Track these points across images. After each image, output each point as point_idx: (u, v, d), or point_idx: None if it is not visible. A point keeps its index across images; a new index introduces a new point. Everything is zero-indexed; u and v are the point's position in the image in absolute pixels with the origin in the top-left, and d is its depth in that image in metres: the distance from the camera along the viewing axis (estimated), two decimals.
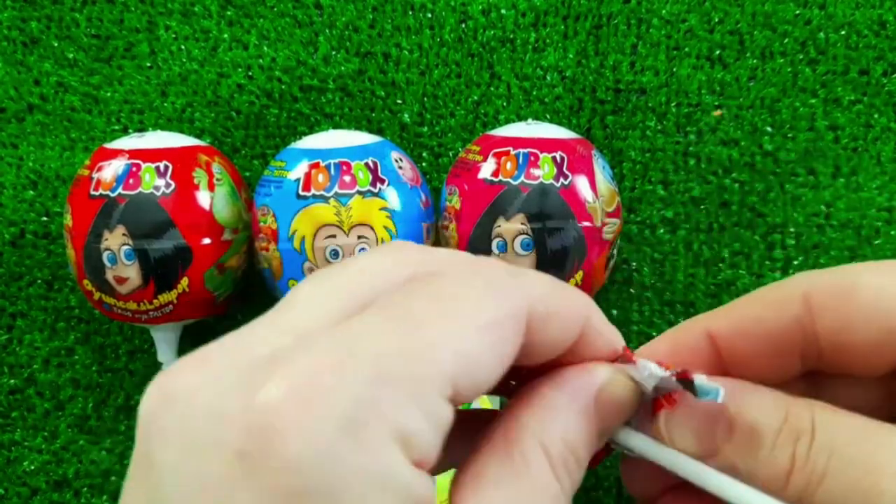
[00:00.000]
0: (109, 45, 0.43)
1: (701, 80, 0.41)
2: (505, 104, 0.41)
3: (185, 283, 0.35)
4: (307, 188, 0.34)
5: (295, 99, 0.42)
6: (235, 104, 0.42)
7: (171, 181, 0.34)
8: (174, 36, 0.43)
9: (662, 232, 0.40)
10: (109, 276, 0.34)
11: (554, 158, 0.34)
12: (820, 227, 0.40)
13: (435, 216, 0.37)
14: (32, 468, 0.41)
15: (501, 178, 0.34)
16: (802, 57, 0.40)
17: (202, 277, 0.35)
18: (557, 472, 0.15)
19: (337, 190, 0.34)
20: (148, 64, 0.43)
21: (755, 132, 0.40)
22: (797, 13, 0.40)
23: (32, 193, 0.42)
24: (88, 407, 0.42)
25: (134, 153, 0.35)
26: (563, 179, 0.34)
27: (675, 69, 0.41)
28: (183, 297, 0.35)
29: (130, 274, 0.34)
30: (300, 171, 0.34)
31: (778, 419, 0.15)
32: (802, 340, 0.16)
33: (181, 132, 0.39)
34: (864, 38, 0.40)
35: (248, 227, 0.37)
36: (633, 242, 0.41)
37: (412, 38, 0.42)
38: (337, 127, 0.42)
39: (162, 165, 0.35)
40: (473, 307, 0.14)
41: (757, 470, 0.15)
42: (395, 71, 0.42)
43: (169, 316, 0.36)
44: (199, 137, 0.40)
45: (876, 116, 0.40)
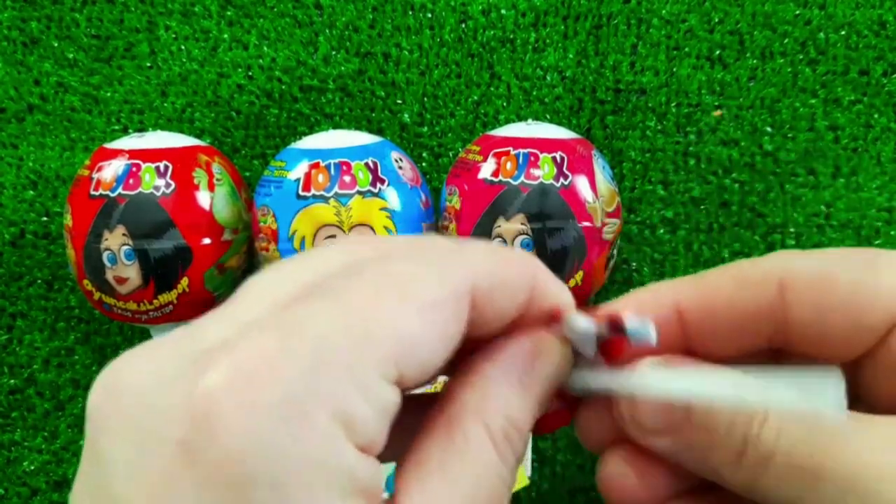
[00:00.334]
0: (109, 45, 0.43)
1: (701, 80, 0.41)
2: (505, 104, 0.41)
3: (185, 283, 0.35)
4: (307, 188, 0.34)
5: (295, 99, 0.42)
6: (235, 104, 0.42)
7: (171, 181, 0.34)
8: (174, 36, 0.43)
9: (662, 232, 0.40)
10: (109, 276, 0.34)
11: (554, 158, 0.34)
12: (820, 227, 0.40)
13: (435, 216, 0.37)
14: (32, 468, 0.41)
15: (501, 178, 0.34)
16: (802, 57, 0.40)
17: (202, 277, 0.35)
18: (500, 449, 0.14)
19: (337, 190, 0.34)
20: (148, 64, 0.43)
21: (755, 132, 0.40)
22: (797, 13, 0.40)
23: (32, 193, 0.42)
24: None
25: (134, 153, 0.35)
26: (563, 179, 0.34)
27: (675, 69, 0.41)
28: (183, 297, 0.35)
29: (130, 274, 0.34)
30: (300, 171, 0.34)
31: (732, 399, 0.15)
32: (773, 325, 0.16)
33: (181, 132, 0.39)
34: (864, 38, 0.40)
35: (248, 227, 0.37)
36: (633, 242, 0.41)
37: (412, 38, 0.42)
38: (337, 127, 0.42)
39: (162, 165, 0.35)
40: (414, 288, 0.14)
41: (712, 450, 0.15)
42: (395, 71, 0.42)
43: (169, 316, 0.36)
44: (199, 137, 0.40)
45: (876, 116, 0.40)
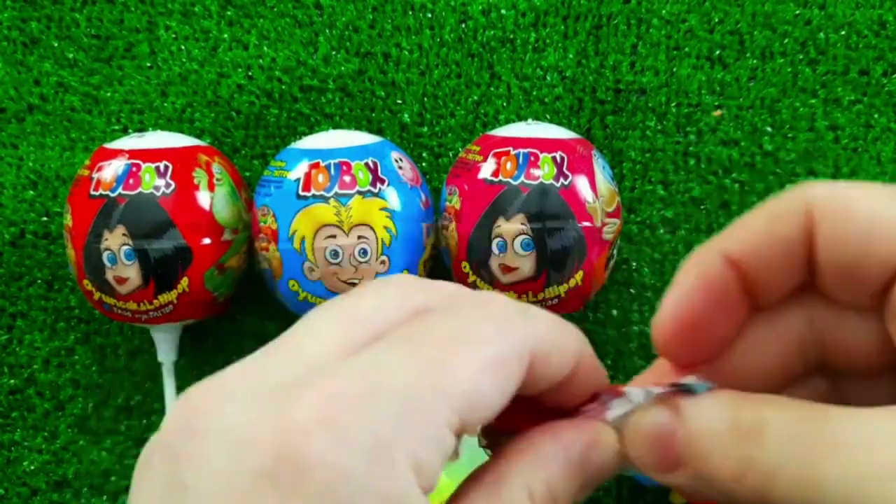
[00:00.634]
0: (109, 45, 0.43)
1: (701, 80, 0.41)
2: (505, 104, 0.41)
3: (185, 283, 0.35)
4: (307, 188, 0.34)
5: (295, 99, 0.42)
6: (235, 104, 0.42)
7: (171, 181, 0.34)
8: (174, 36, 0.43)
9: (662, 232, 0.40)
10: (109, 276, 0.34)
11: (554, 158, 0.34)
12: None
13: (435, 216, 0.37)
14: (32, 468, 0.41)
15: (501, 178, 0.34)
16: (802, 57, 0.40)
17: (202, 277, 0.35)
18: None
19: (337, 190, 0.34)
20: (148, 64, 0.43)
21: (755, 132, 0.40)
22: (797, 13, 0.40)
23: (32, 193, 0.42)
24: (88, 407, 0.42)
25: (134, 153, 0.35)
26: (563, 179, 0.34)
27: (675, 69, 0.41)
28: (183, 297, 0.35)
29: (130, 274, 0.34)
30: (300, 171, 0.34)
31: (725, 421, 0.15)
32: (806, 252, 0.16)
33: (181, 132, 0.39)
34: (864, 38, 0.40)
35: (248, 227, 0.37)
36: (633, 242, 0.41)
37: (412, 38, 0.42)
38: (337, 127, 0.42)
39: (162, 165, 0.35)
40: (484, 344, 0.15)
41: (715, 475, 0.15)
42: (395, 71, 0.42)
43: (169, 316, 0.36)
44: (199, 137, 0.40)
45: (876, 116, 0.40)
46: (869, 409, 0.14)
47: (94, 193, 0.34)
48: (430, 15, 0.42)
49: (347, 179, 0.34)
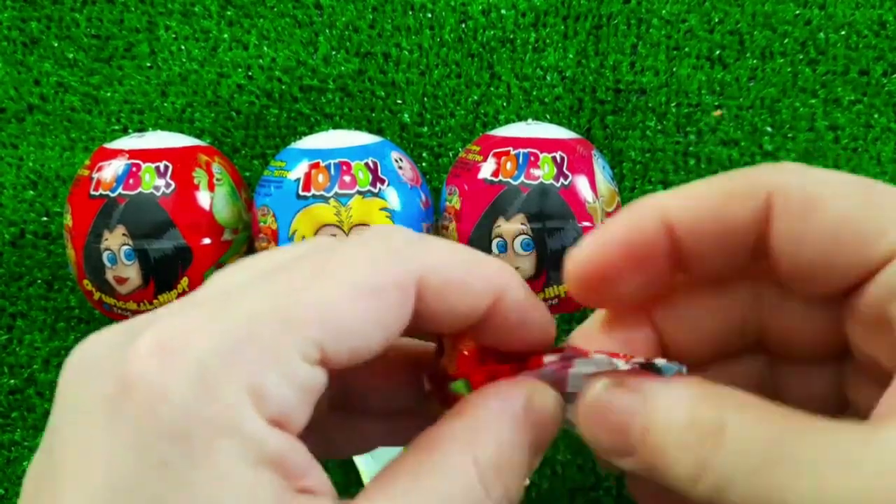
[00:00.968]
0: (109, 45, 0.43)
1: (701, 80, 0.41)
2: (505, 104, 0.41)
3: (185, 283, 0.35)
4: (307, 188, 0.34)
5: (295, 99, 0.42)
6: (235, 104, 0.42)
7: (171, 181, 0.34)
8: (174, 36, 0.43)
9: None
10: (109, 276, 0.34)
11: (554, 158, 0.34)
12: None
13: (435, 216, 0.37)
14: None
15: (501, 178, 0.34)
16: (802, 57, 0.40)
17: (202, 278, 0.35)
18: (485, 481, 0.14)
19: (337, 190, 0.34)
20: (148, 64, 0.43)
21: (755, 132, 0.40)
22: (797, 13, 0.40)
23: (32, 193, 0.42)
24: None
25: (134, 153, 0.35)
26: (563, 179, 0.34)
27: (675, 69, 0.41)
28: (183, 297, 0.35)
29: (130, 274, 0.34)
30: (300, 171, 0.34)
31: (685, 417, 0.14)
32: (755, 240, 0.16)
33: (181, 132, 0.39)
34: (864, 38, 0.40)
35: (248, 227, 0.37)
36: None
37: (412, 38, 0.42)
38: (337, 127, 0.42)
39: (162, 165, 0.35)
40: (352, 273, 0.14)
41: (669, 470, 0.15)
42: (395, 71, 0.42)
43: None
44: (199, 137, 0.40)
45: (876, 116, 0.40)
46: (833, 425, 0.13)
47: (94, 193, 0.34)
48: (430, 15, 0.42)
49: (347, 179, 0.34)
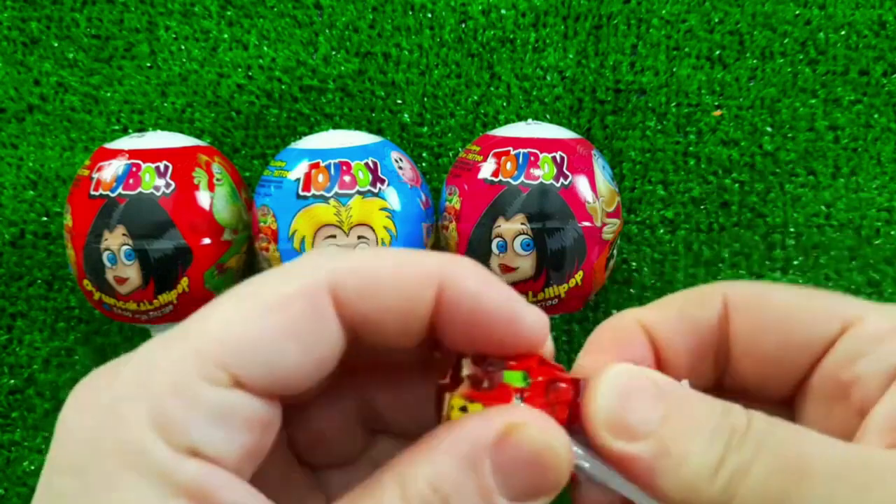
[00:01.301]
0: (109, 45, 0.43)
1: (701, 80, 0.41)
2: (505, 104, 0.41)
3: (185, 283, 0.35)
4: (307, 188, 0.34)
5: (295, 99, 0.42)
6: (235, 104, 0.42)
7: (171, 181, 0.34)
8: (174, 36, 0.43)
9: (662, 232, 0.40)
10: (109, 276, 0.34)
11: (554, 158, 0.34)
12: (820, 227, 0.40)
13: (435, 216, 0.37)
14: (32, 468, 0.41)
15: (501, 178, 0.34)
16: (802, 57, 0.40)
17: (202, 278, 0.35)
18: None
19: (337, 190, 0.34)
20: (148, 64, 0.43)
21: (755, 132, 0.40)
22: (797, 13, 0.40)
23: (32, 193, 0.42)
24: None
25: (134, 153, 0.35)
26: (563, 179, 0.34)
27: (675, 69, 0.41)
28: (183, 297, 0.35)
29: (130, 274, 0.34)
30: (300, 171, 0.34)
31: (717, 412, 0.14)
32: (719, 338, 0.16)
33: (181, 132, 0.39)
34: (864, 38, 0.40)
35: (248, 227, 0.37)
36: (633, 242, 0.41)
37: (412, 38, 0.42)
38: (337, 127, 0.42)
39: (162, 165, 0.35)
40: (255, 291, 0.14)
41: (689, 457, 0.14)
42: (395, 71, 0.42)
43: (169, 316, 0.36)
44: (199, 137, 0.40)
45: (876, 116, 0.40)
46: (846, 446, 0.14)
47: (94, 193, 0.34)
48: (430, 15, 0.42)
49: (347, 179, 0.34)
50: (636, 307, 0.17)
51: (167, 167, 0.35)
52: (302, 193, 0.34)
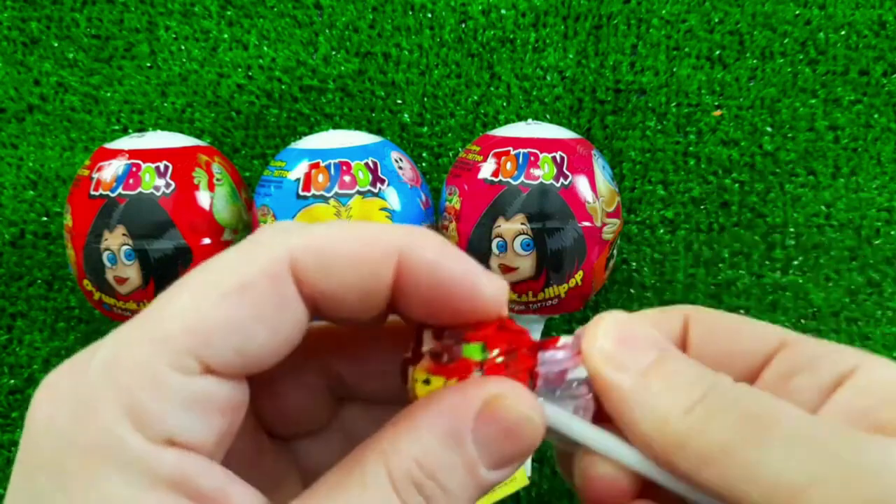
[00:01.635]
0: (109, 45, 0.43)
1: (701, 80, 0.41)
2: (505, 104, 0.41)
3: None
4: (307, 188, 0.34)
5: (295, 99, 0.42)
6: (235, 104, 0.42)
7: (171, 181, 0.34)
8: (174, 36, 0.43)
9: (662, 232, 0.40)
10: (109, 276, 0.34)
11: (554, 158, 0.34)
12: (820, 227, 0.40)
13: (435, 216, 0.37)
14: None
15: (501, 178, 0.34)
16: (802, 57, 0.40)
17: None
18: (403, 495, 0.14)
19: (337, 190, 0.34)
20: (148, 64, 0.43)
21: (755, 132, 0.40)
22: (797, 13, 0.40)
23: (32, 193, 0.42)
24: None
25: (134, 153, 0.35)
26: (563, 179, 0.34)
27: (675, 69, 0.41)
28: None
29: (130, 274, 0.34)
30: (300, 171, 0.34)
31: (703, 370, 0.15)
32: (681, 345, 0.18)
33: (181, 132, 0.39)
34: (864, 38, 0.40)
35: (248, 227, 0.37)
36: (633, 242, 0.41)
37: (412, 38, 0.42)
38: (337, 127, 0.42)
39: (162, 165, 0.35)
40: (213, 276, 0.14)
41: (666, 394, 0.15)
42: (395, 71, 0.42)
43: None
44: (199, 137, 0.40)
45: (876, 116, 0.40)
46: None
47: (94, 193, 0.34)
48: (430, 15, 0.42)
49: (347, 179, 0.34)
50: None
51: (167, 167, 0.35)
52: (302, 193, 0.34)
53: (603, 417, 0.16)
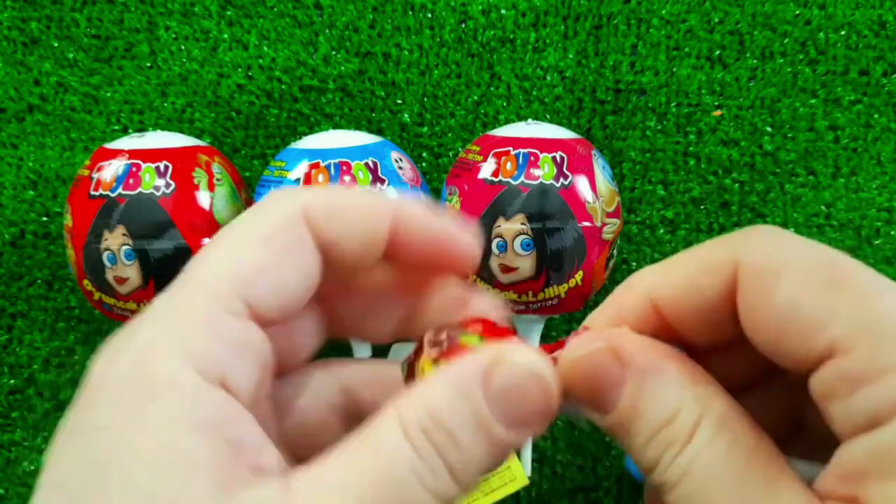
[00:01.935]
0: (109, 45, 0.43)
1: (701, 80, 0.41)
2: (505, 104, 0.41)
3: None
4: None
5: (295, 99, 0.42)
6: (235, 104, 0.42)
7: (171, 181, 0.34)
8: (174, 36, 0.43)
9: (662, 232, 0.40)
10: (109, 276, 0.34)
11: (554, 158, 0.34)
12: (820, 227, 0.40)
13: None
14: (32, 468, 0.41)
15: (501, 178, 0.34)
16: (802, 57, 0.40)
17: None
18: (416, 443, 0.14)
19: None
20: (148, 64, 0.43)
21: (755, 132, 0.40)
22: (797, 13, 0.40)
23: (32, 193, 0.42)
24: None
25: (134, 153, 0.35)
26: (563, 179, 0.34)
27: (675, 69, 0.41)
28: None
29: (130, 274, 0.34)
30: (300, 171, 0.34)
31: (661, 420, 0.15)
32: (728, 309, 0.16)
33: (181, 132, 0.39)
34: (864, 38, 0.40)
35: None
36: (633, 242, 0.41)
37: (412, 38, 0.42)
38: (337, 127, 0.42)
39: (162, 165, 0.35)
40: (251, 225, 0.16)
41: (632, 444, 0.15)
42: (395, 71, 0.42)
43: None
44: (199, 137, 0.40)
45: (876, 116, 0.40)
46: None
47: (94, 193, 0.34)
48: (430, 15, 0.42)
49: (347, 179, 0.34)
50: (643, 273, 0.18)
51: (167, 167, 0.35)
52: None
53: None
